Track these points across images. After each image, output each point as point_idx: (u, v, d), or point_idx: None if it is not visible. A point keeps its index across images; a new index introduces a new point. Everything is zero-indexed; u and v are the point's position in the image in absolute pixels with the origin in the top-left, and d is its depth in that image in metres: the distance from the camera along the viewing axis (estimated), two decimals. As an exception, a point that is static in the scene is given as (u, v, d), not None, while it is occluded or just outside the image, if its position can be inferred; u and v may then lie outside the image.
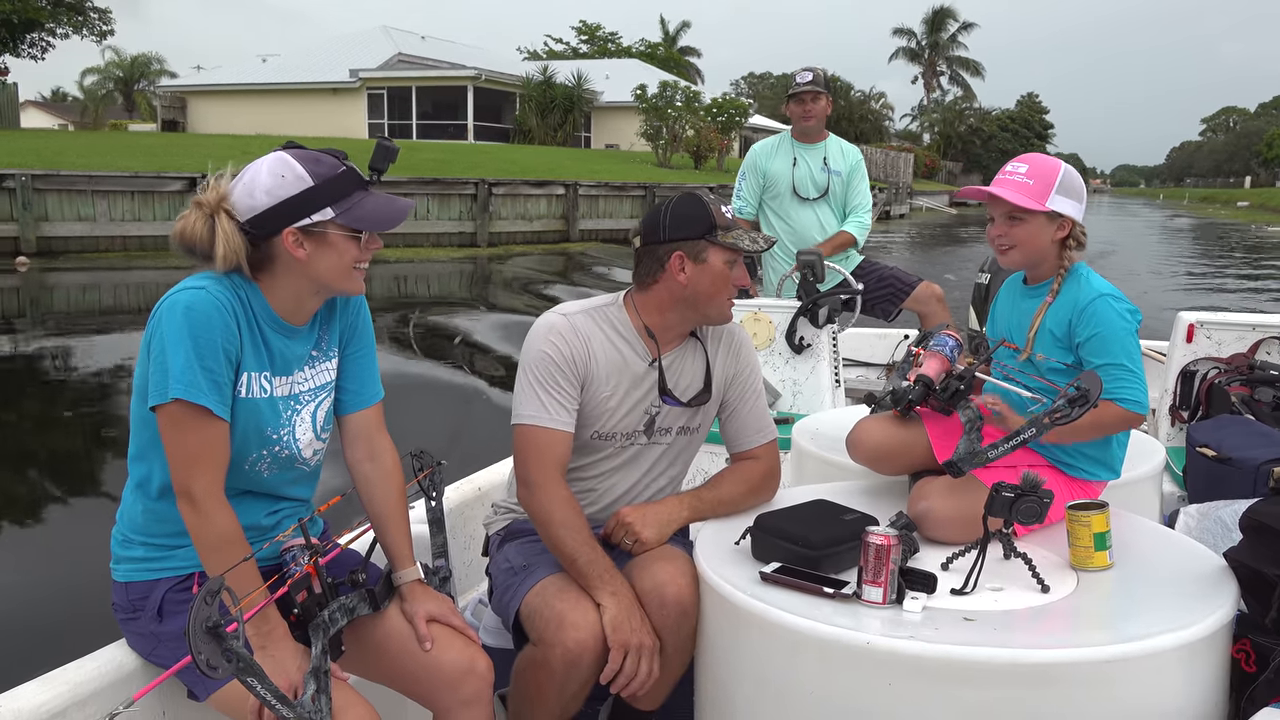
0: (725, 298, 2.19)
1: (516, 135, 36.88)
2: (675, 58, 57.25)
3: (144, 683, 1.74)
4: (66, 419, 8.13)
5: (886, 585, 1.80)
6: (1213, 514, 2.76)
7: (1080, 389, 1.97)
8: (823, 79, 4.72)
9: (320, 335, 1.94)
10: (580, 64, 40.94)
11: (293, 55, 41.61)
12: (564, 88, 36.62)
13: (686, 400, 2.26)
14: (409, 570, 1.98)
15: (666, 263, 2.15)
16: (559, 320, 2.18)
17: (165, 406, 1.67)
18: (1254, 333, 3.85)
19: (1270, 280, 20.37)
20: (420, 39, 42.09)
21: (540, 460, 2.12)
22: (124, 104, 50.98)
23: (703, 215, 2.14)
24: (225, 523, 1.71)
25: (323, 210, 1.76)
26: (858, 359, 5.44)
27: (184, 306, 1.69)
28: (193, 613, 1.28)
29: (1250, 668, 1.88)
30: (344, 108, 36.60)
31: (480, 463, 3.02)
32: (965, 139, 71.28)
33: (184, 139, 26.02)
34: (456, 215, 21.39)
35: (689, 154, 32.17)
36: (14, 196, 16.11)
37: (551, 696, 1.98)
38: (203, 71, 41.66)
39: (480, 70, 36.78)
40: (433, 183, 20.87)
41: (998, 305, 2.50)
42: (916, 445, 2.36)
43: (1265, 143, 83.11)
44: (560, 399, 2.13)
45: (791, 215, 4.76)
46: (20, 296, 14.31)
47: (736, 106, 35.45)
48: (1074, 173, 2.27)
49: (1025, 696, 1.67)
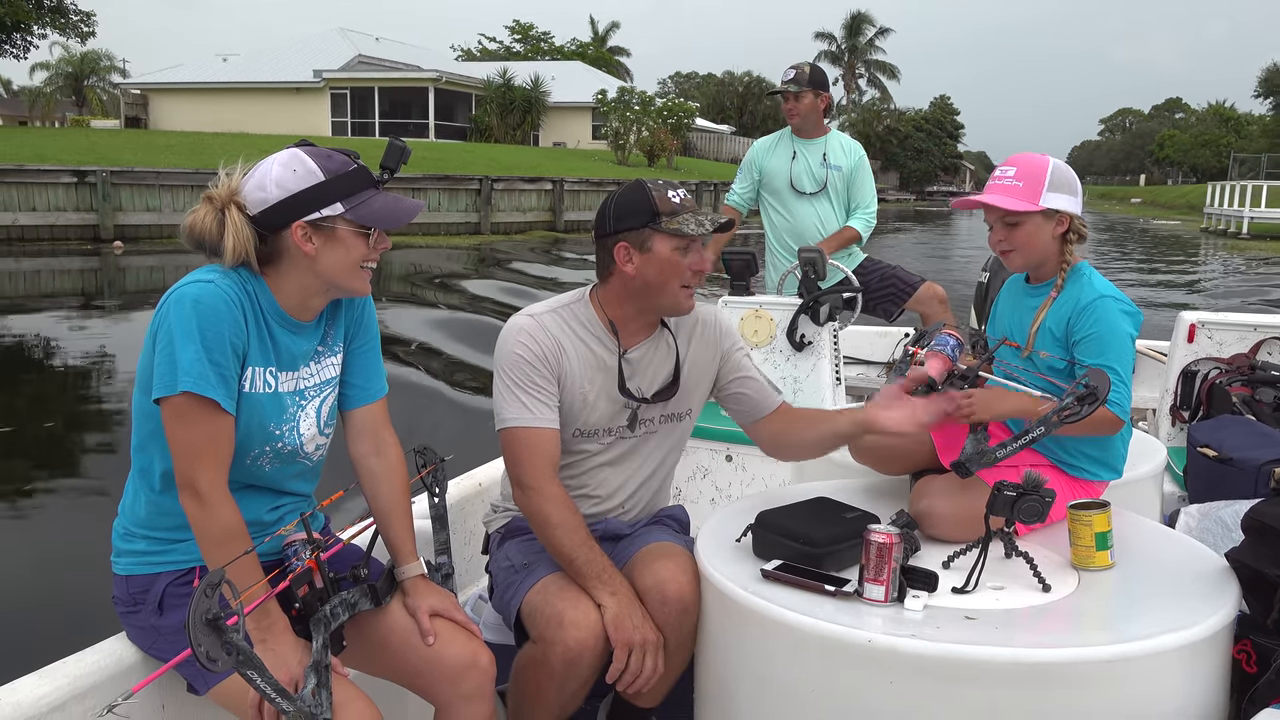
0: (677, 285, 2.12)
1: (473, 134, 39.60)
2: (606, 57, 59.41)
3: (144, 676, 1.74)
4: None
5: (888, 583, 1.80)
6: (1213, 514, 2.76)
7: (1090, 386, 1.96)
8: (805, 77, 4.68)
9: (326, 331, 1.93)
10: (534, 66, 43.41)
11: (252, 55, 43.16)
12: (523, 90, 39.61)
13: (650, 395, 2.23)
14: (412, 565, 1.98)
15: (614, 254, 2.12)
16: (527, 322, 2.17)
17: (171, 399, 1.67)
18: (1255, 333, 3.85)
19: (1160, 268, 23.50)
20: (375, 40, 44.31)
21: (531, 461, 2.11)
22: (75, 100, 51.49)
23: (644, 203, 2.09)
24: (228, 517, 1.71)
25: (332, 205, 1.77)
26: (859, 357, 5.44)
27: (192, 299, 1.69)
28: (193, 605, 1.27)
29: (1251, 668, 1.88)
30: (308, 106, 38.36)
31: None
32: (883, 138, 73.36)
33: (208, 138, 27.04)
34: (463, 208, 24.73)
35: (643, 153, 35.93)
36: (95, 190, 19.13)
37: (551, 695, 1.98)
38: (166, 70, 42.75)
39: (441, 73, 39.41)
40: (444, 179, 24.11)
41: (999, 305, 2.49)
42: (918, 445, 2.36)
43: (1157, 143, 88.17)
44: (540, 397, 2.12)
45: (790, 210, 4.74)
46: (99, 277, 16.74)
47: (685, 110, 39.49)
48: (1063, 166, 2.25)
49: (1026, 696, 1.67)
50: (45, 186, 18.60)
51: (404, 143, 1.87)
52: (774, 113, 63.88)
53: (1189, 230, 37.33)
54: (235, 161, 1.81)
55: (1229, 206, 35.17)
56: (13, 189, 18.13)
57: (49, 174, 18.62)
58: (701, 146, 46.88)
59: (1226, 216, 35.23)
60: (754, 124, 63.57)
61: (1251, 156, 50.31)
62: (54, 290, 15.24)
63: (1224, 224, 35.30)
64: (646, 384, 2.24)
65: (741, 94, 70.24)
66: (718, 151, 48.25)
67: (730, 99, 68.87)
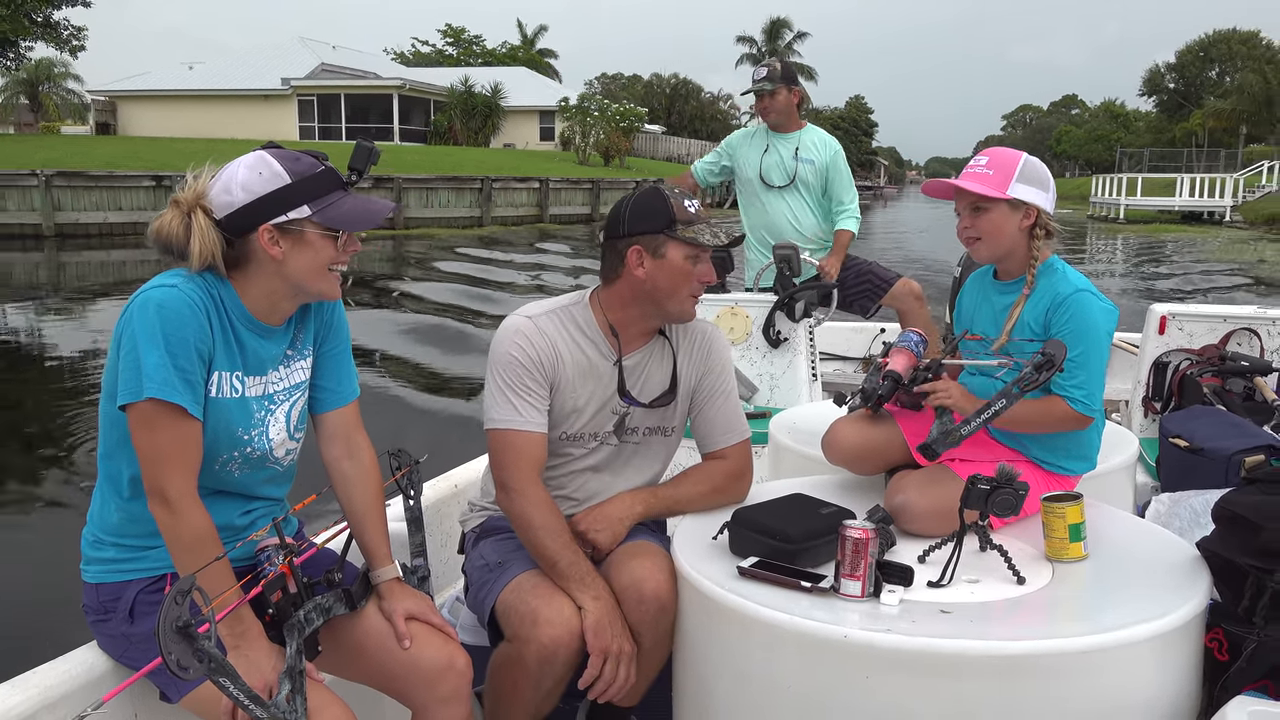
0: (686, 294, 2.14)
1: (433, 137, 43.54)
2: (536, 59, 62.62)
3: (115, 685, 1.72)
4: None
5: (864, 579, 1.81)
6: (1184, 503, 2.79)
7: (1046, 354, 1.98)
8: (778, 74, 4.69)
9: (295, 334, 1.91)
10: (485, 72, 48.06)
11: (218, 64, 46.27)
12: (483, 96, 43.99)
13: (649, 402, 2.23)
14: (387, 569, 1.97)
15: (625, 257, 2.12)
16: (524, 323, 2.16)
17: (137, 405, 1.65)
18: (1225, 324, 3.89)
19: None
20: (332, 48, 48.43)
21: (516, 463, 2.10)
22: (29, 105, 52.54)
23: (662, 209, 2.10)
24: (199, 523, 1.69)
25: (299, 208, 1.74)
26: (835, 353, 5.46)
27: (156, 304, 1.67)
28: (162, 613, 1.26)
29: (1223, 656, 1.90)
30: (275, 112, 41.11)
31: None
32: None
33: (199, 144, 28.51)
34: (468, 204, 28.46)
35: (599, 154, 39.65)
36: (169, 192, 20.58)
37: (527, 693, 1.98)
38: (134, 77, 45.21)
39: (405, 80, 43.56)
40: (452, 179, 28.28)
41: (964, 297, 2.50)
42: (891, 443, 2.37)
43: (1055, 138, 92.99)
44: (531, 400, 2.12)
45: (761, 204, 4.75)
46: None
47: (636, 114, 43.17)
48: (1036, 162, 2.27)
49: (1002, 688, 1.68)
50: (129, 190, 21.72)
51: (373, 144, 1.85)
52: (700, 113, 66.48)
53: (1078, 217, 42.39)
54: (204, 164, 1.79)
55: (1109, 196, 41.04)
56: (102, 192, 21.46)
57: (132, 179, 21.78)
58: (639, 147, 49.50)
59: (1107, 205, 40.96)
60: (681, 124, 66.19)
61: (1136, 151, 57.36)
62: (144, 276, 15.90)
63: (1105, 211, 40.83)
64: (644, 391, 2.24)
65: (669, 95, 72.96)
66: (654, 150, 51.15)
67: (659, 100, 70.69)
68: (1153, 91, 74.64)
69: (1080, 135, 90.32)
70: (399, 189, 25.29)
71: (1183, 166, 46.83)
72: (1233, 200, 36.98)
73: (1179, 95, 70.65)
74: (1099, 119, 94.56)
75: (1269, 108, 52.86)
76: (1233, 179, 38.04)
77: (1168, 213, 37.95)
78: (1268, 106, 52.97)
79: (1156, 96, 74.73)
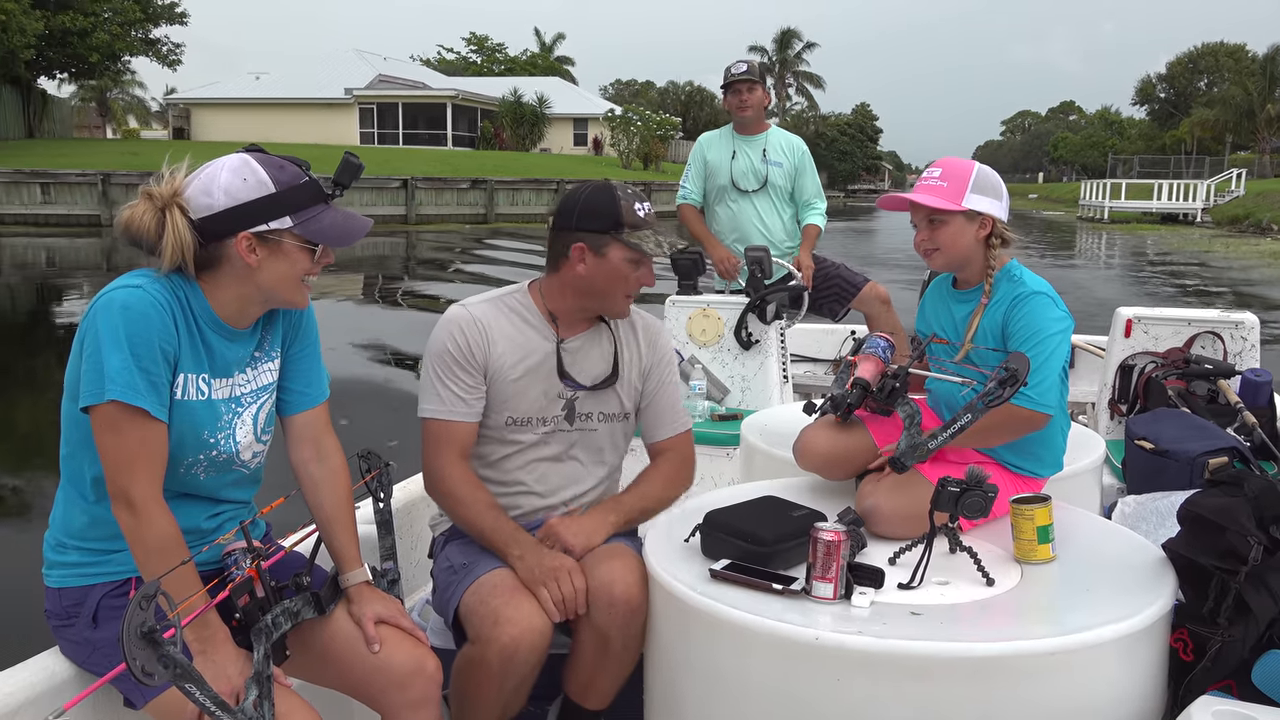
0: (621, 295, 2.19)
1: (481, 143, 48.04)
2: (555, 67, 65.11)
3: (78, 691, 1.69)
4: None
5: (836, 581, 1.81)
6: (1150, 505, 2.82)
7: (1009, 369, 1.99)
8: (758, 69, 4.72)
9: (262, 336, 1.89)
10: (531, 81, 52.41)
11: (281, 74, 50.42)
12: (530, 105, 48.46)
13: (590, 385, 2.25)
14: (356, 572, 1.95)
15: (569, 251, 2.15)
16: (460, 313, 2.21)
17: (100, 408, 1.62)
18: (1189, 327, 3.94)
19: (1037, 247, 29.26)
20: (384, 59, 52.52)
21: (439, 450, 2.17)
22: (98, 110, 54.56)
23: (611, 210, 2.13)
24: (164, 526, 1.66)
25: (281, 219, 1.72)
26: (805, 355, 5.48)
27: (120, 305, 1.64)
28: (126, 618, 1.24)
29: (1188, 656, 1.93)
30: (337, 119, 45.16)
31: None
32: (811, 142, 78.89)
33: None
34: (546, 201, 32.21)
35: (640, 159, 45.04)
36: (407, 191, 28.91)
37: (491, 694, 1.97)
38: (207, 86, 49.22)
39: (457, 90, 48.34)
40: (534, 181, 33.05)
41: (925, 302, 2.53)
42: (862, 449, 2.38)
43: (1052, 144, 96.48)
44: (458, 391, 2.16)
45: (731, 207, 4.77)
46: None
47: (671, 124, 49.40)
48: (989, 171, 2.29)
49: (971, 689, 1.69)
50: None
51: (356, 157, 1.80)
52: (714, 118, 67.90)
53: (1068, 218, 48.05)
54: (181, 160, 1.76)
55: (1096, 199, 45.22)
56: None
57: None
58: (670, 152, 52.92)
59: (1094, 207, 45.18)
60: (697, 128, 67.57)
61: (1128, 157, 62.25)
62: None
63: (1092, 213, 44.98)
64: (584, 374, 2.25)
65: (684, 101, 74.77)
66: (679, 155, 54.47)
67: (674, 107, 72.05)
68: (1145, 100, 76.99)
69: (1076, 141, 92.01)
70: (491, 190, 31.41)
71: (1169, 172, 49.97)
72: (1204, 204, 40.76)
73: (1169, 104, 72.73)
74: (1094, 125, 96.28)
75: (1250, 118, 55.05)
76: (1204, 185, 42.00)
77: (1149, 214, 41.88)
78: (1249, 116, 55.13)
79: (1148, 105, 77.00)
